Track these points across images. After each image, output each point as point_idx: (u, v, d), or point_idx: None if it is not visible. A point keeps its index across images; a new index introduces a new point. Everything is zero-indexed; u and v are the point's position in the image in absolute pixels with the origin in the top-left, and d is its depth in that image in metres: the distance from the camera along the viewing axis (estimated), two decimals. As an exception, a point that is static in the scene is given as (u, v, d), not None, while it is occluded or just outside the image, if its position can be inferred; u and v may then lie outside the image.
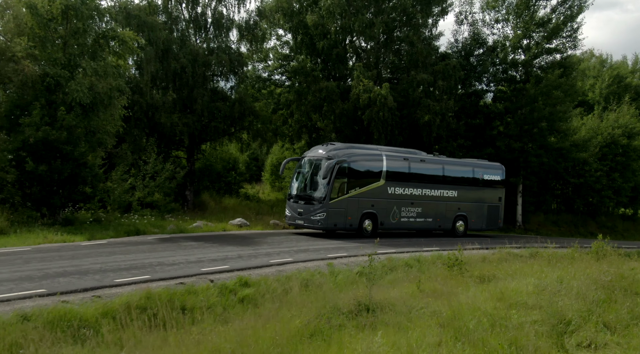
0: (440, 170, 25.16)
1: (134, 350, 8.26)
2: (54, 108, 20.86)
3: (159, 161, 25.13)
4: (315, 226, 21.72)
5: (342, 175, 21.74)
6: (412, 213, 23.95)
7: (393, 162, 23.42)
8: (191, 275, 12.74)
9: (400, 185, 23.53)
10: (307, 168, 22.75)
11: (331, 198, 21.39)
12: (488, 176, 26.93)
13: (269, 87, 36.75)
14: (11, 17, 21.55)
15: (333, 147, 22.76)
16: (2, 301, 9.30)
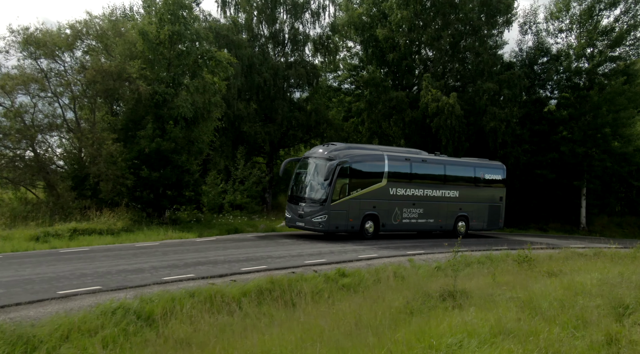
0: (442, 170, 24.76)
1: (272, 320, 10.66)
2: (162, 121, 23.84)
3: (247, 167, 27.87)
4: (316, 229, 21.12)
5: (344, 176, 21.20)
6: (414, 214, 23.53)
7: (395, 162, 22.97)
8: (298, 266, 15.11)
9: (402, 185, 23.05)
10: (307, 169, 22.10)
11: (333, 199, 20.89)
12: (489, 175, 26.53)
13: (339, 95, 39.16)
14: (125, 42, 24.60)
15: (334, 147, 22.25)
16: (167, 282, 11.91)
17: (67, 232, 18.06)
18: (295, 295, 12.79)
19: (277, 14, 33.06)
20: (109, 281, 11.54)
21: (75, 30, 24.14)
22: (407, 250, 19.51)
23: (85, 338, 8.56)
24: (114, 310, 9.52)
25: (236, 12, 33.22)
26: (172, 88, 24.19)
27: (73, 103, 24.56)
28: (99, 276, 11.92)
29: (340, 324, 9.52)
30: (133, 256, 14.92)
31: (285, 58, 33.68)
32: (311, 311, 10.98)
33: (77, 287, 10.73)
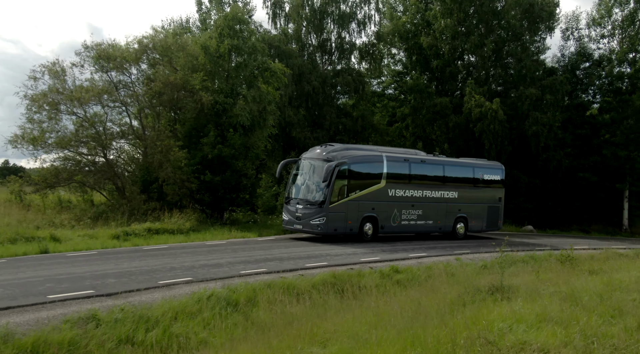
0: (441, 171, 24.39)
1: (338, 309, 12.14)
2: (222, 129, 25.67)
3: (299, 171, 29.47)
4: (314, 231, 20.76)
5: (342, 177, 20.81)
6: (413, 216, 23.11)
7: (393, 163, 22.56)
8: (355, 263, 16.56)
9: (400, 186, 22.64)
10: (305, 170, 21.79)
11: (331, 201, 20.50)
12: (488, 176, 26.14)
13: (383, 101, 40.52)
14: (187, 55, 26.50)
15: (332, 148, 21.87)
16: (244, 275, 13.53)
17: (143, 231, 19.97)
18: (355, 288, 14.27)
19: (324, 24, 34.65)
20: (196, 273, 13.22)
21: (142, 45, 26.16)
22: (454, 250, 20.80)
23: (189, 319, 10.19)
24: (208, 297, 11.13)
25: (286, 23, 34.97)
26: (230, 98, 25.99)
27: (139, 113, 26.61)
28: (187, 270, 13.62)
29: (403, 311, 10.94)
30: (208, 253, 16.64)
31: (333, 66, 35.24)
32: (376, 300, 12.44)
33: (172, 278, 12.44)
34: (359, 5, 35.05)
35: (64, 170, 24.98)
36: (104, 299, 10.28)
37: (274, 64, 27.26)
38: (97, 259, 14.67)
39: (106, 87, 26.01)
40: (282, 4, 34.74)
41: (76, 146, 25.44)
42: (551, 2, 33.47)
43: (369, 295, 13.99)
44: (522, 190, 34.43)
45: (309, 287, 13.42)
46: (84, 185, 25.85)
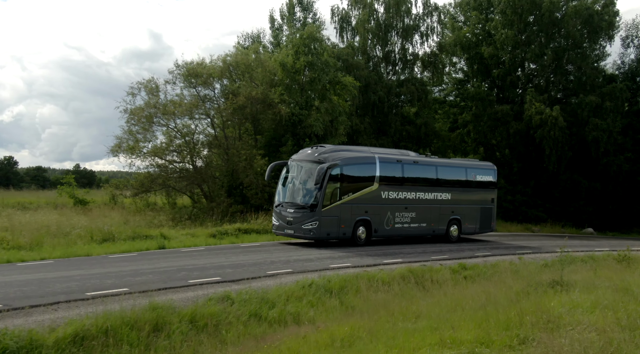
0: (434, 172, 23.91)
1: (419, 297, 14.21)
2: (298, 138, 28.12)
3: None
4: (307, 236, 20.02)
5: (335, 179, 20.09)
6: (407, 219, 22.51)
7: (386, 164, 21.97)
8: (426, 261, 18.56)
9: (394, 188, 22.02)
10: (295, 172, 21.04)
11: (324, 205, 19.75)
12: (481, 176, 25.61)
13: (445, 107, 42.21)
14: (265, 71, 29.12)
15: (323, 149, 21.22)
16: (334, 268, 15.77)
17: (235, 231, 22.55)
18: (429, 281, 16.31)
19: (389, 36, 36.71)
20: (293, 266, 15.58)
21: (226, 63, 28.95)
22: (515, 250, 22.49)
23: (298, 301, 12.48)
24: (309, 285, 13.41)
25: (352, 36, 37.21)
26: (305, 110, 28.43)
27: (222, 124, 29.40)
28: (284, 263, 16.00)
29: (475, 298, 12.94)
30: (296, 250, 19.01)
31: (397, 76, 37.26)
32: (451, 290, 14.48)
33: (276, 270, 14.82)
34: (422, 18, 36.96)
35: (158, 176, 28.01)
36: (230, 285, 12.72)
37: (345, 78, 29.56)
38: (209, 254, 17.25)
39: (194, 101, 28.95)
40: (349, 18, 37.03)
41: (168, 154, 28.49)
42: (611, 11, 34.45)
43: (442, 286, 16.01)
44: (582, 194, 35.46)
45: (389, 279, 15.55)
46: (175, 189, 28.83)
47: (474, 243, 24.78)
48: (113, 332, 8.96)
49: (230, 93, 28.47)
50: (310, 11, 36.16)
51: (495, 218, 26.71)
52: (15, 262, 14.40)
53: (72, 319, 8.91)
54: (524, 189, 36.57)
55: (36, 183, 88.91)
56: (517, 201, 36.02)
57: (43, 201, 31.69)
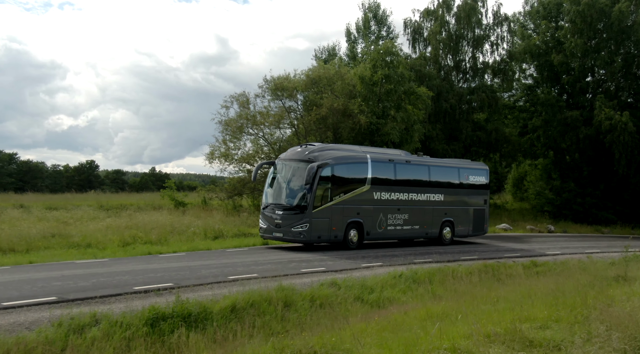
0: (426, 172, 23.42)
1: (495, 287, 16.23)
2: (375, 145, 30.42)
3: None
4: (297, 239, 19.29)
5: (325, 180, 19.38)
6: (399, 221, 21.93)
7: (378, 163, 21.38)
8: (500, 258, 20.51)
9: (386, 189, 21.42)
10: (284, 172, 20.25)
11: (314, 206, 19.04)
12: (473, 177, 25.11)
13: (514, 112, 43.51)
14: (345, 84, 31.62)
15: (313, 147, 20.53)
16: (417, 263, 18.02)
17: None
18: (503, 275, 18.31)
19: (460, 47, 38.50)
20: (383, 260, 17.96)
21: (310, 77, 31.66)
22: (582, 249, 24.03)
23: (391, 288, 14.83)
24: (400, 275, 15.73)
25: (424, 47, 39.23)
26: (382, 119, 30.74)
27: (305, 133, 32.12)
28: (374, 258, 18.40)
29: (545, 288, 14.93)
30: (382, 247, 21.38)
31: (468, 84, 39.02)
32: (524, 281, 16.49)
33: (369, 263, 17.25)
34: (492, 28, 38.58)
35: (249, 180, 31.01)
36: (334, 274, 15.22)
37: (419, 89, 31.71)
38: (306, 249, 19.90)
39: (280, 112, 31.85)
40: (421, 30, 39.08)
41: (257, 160, 31.46)
42: (683, 17, 35.03)
43: (515, 279, 17.99)
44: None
45: (467, 273, 17.68)
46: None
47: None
48: (256, 305, 11.58)
49: (314, 105, 31.10)
50: (384, 24, 38.45)
51: (488, 220, 26.29)
52: (155, 254, 17.44)
53: (226, 295, 11.59)
54: (593, 192, 37.48)
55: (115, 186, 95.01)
56: (587, 203, 36.99)
57: (142, 203, 35.37)
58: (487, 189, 26.00)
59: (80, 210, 28.79)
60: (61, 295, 10.57)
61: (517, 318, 10.32)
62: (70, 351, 8.42)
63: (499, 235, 29.71)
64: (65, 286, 11.44)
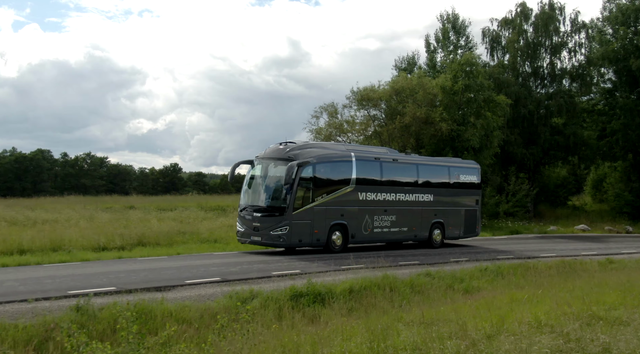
0: (414, 171, 22.45)
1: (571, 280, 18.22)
2: (456, 151, 32.58)
3: (518, 183, 35.35)
4: (276, 244, 18.46)
5: (306, 179, 18.45)
6: (386, 223, 20.98)
7: (364, 162, 20.43)
8: (576, 255, 22.25)
9: (372, 189, 20.47)
10: (262, 172, 19.33)
11: (295, 208, 18.12)
12: (464, 176, 24.13)
13: (593, 116, 44.26)
14: (426, 93, 33.89)
15: (293, 145, 19.43)
16: (500, 259, 20.17)
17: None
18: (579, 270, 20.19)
19: (537, 54, 39.88)
20: (468, 256, 20.28)
21: (394, 88, 34.16)
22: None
23: (477, 279, 17.12)
24: (485, 269, 17.99)
25: (502, 55, 40.85)
26: (462, 126, 32.82)
27: (389, 139, 34.62)
28: (461, 254, 20.75)
29: (616, 281, 16.84)
30: (464, 246, 23.62)
31: (546, 90, 40.34)
32: (597, 275, 18.41)
33: (457, 258, 19.62)
34: (569, 35, 39.78)
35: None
36: (426, 266, 17.71)
37: (498, 97, 33.56)
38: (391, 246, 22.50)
39: (365, 120, 34.54)
40: (499, 38, 40.70)
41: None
42: None
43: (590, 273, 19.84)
44: None
45: (546, 268, 19.70)
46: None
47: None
48: (368, 289, 14.27)
49: (397, 114, 33.52)
50: (463, 35, 40.38)
51: (481, 222, 25.45)
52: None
53: (344, 280, 14.35)
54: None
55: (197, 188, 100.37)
56: (668, 205, 37.57)
57: (236, 204, 38.93)
58: (479, 189, 25.08)
59: (188, 211, 32.54)
60: (223, 277, 13.67)
61: (589, 301, 12.44)
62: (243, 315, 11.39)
63: (577, 235, 31.15)
64: (222, 271, 14.57)
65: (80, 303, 9.64)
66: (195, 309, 10.97)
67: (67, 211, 29.05)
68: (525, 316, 9.99)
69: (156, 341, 7.48)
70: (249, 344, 7.77)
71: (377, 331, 8.49)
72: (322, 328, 9.86)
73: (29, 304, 9.82)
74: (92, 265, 15.41)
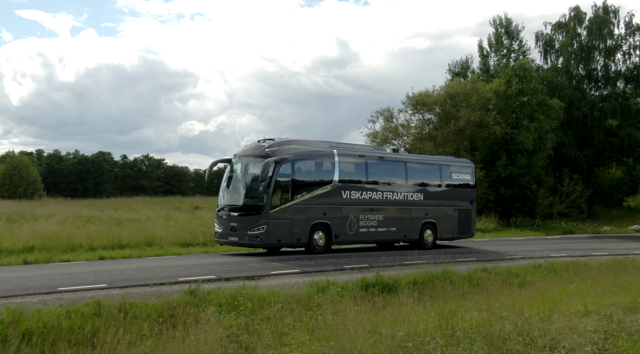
0: (403, 169, 21.83)
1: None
2: (510, 154, 33.63)
3: (572, 184, 36.04)
4: (253, 244, 17.86)
5: (285, 176, 18.02)
6: (373, 222, 20.30)
7: (347, 159, 19.97)
8: (628, 254, 23.08)
9: (357, 187, 19.95)
10: (239, 171, 18.86)
11: (272, 206, 17.55)
12: (457, 175, 23.43)
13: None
14: (480, 97, 35.00)
15: (271, 142, 18.89)
16: (553, 257, 21.30)
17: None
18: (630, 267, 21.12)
19: (591, 56, 40.34)
20: (522, 254, 21.50)
21: (448, 93, 35.42)
22: None
23: (532, 275, 18.36)
24: (539, 266, 19.20)
25: (556, 58, 41.47)
26: (516, 129, 33.81)
27: (443, 142, 35.87)
28: (517, 252, 22.00)
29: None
30: (519, 245, 24.79)
31: (600, 92, 40.76)
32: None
33: (513, 255, 20.90)
34: (624, 38, 40.09)
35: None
36: (484, 263, 19.09)
37: (552, 101, 34.39)
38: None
39: (420, 124, 35.93)
40: (553, 42, 41.35)
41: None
42: None
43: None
44: None
45: (598, 265, 20.72)
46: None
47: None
48: (430, 281, 15.80)
49: (451, 118, 34.75)
50: (516, 39, 41.18)
51: (475, 222, 24.82)
52: (336, 245, 22.25)
53: (408, 274, 15.94)
54: None
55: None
56: None
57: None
58: (473, 188, 24.23)
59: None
60: (302, 268, 15.50)
61: (634, 293, 13.59)
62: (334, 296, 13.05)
63: (631, 235, 31.71)
64: (300, 263, 16.41)
65: (192, 287, 11.57)
66: (283, 294, 12.78)
67: (144, 211, 31.52)
68: (575, 304, 11.29)
69: (266, 315, 9.30)
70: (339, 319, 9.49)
71: (445, 312, 10.06)
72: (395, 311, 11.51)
73: (151, 288, 11.83)
74: (186, 258, 17.51)
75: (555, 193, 36.72)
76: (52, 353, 8.76)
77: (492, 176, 33.20)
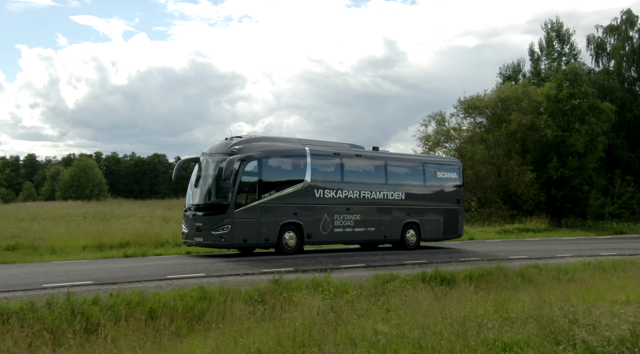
0: (381, 167, 21.16)
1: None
2: (561, 156, 34.46)
3: (623, 185, 36.53)
4: (218, 244, 17.29)
5: (252, 174, 17.60)
6: (349, 222, 19.72)
7: (320, 157, 19.40)
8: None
9: (331, 186, 19.36)
10: (206, 170, 18.41)
11: (237, 205, 17.07)
12: (442, 173, 22.70)
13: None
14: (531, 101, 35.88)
15: (238, 139, 18.41)
16: (602, 255, 22.31)
17: (514, 230, 29.97)
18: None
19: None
20: (573, 252, 22.58)
21: (500, 97, 36.47)
22: None
23: (579, 272, 19.51)
24: (588, 263, 20.28)
25: (607, 61, 41.90)
26: (567, 132, 34.61)
27: (494, 145, 36.90)
28: (567, 251, 23.10)
29: None
30: (569, 244, 25.82)
31: (652, 94, 40.99)
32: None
33: (563, 254, 22.01)
34: (676, 40, 40.23)
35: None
36: (535, 260, 20.35)
37: (603, 104, 35.04)
38: (504, 243, 25.07)
39: (472, 128, 37.08)
40: (604, 45, 41.79)
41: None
42: None
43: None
44: None
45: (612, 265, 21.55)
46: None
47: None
48: (485, 276, 17.20)
49: (503, 121, 35.77)
50: (567, 43, 41.78)
51: (463, 222, 24.04)
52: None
53: (464, 269, 17.41)
54: None
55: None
56: None
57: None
58: (460, 187, 23.45)
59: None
60: (368, 263, 17.20)
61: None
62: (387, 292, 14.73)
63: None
64: (366, 259, 18.12)
65: (276, 277, 13.43)
66: (352, 285, 14.51)
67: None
68: (618, 296, 12.59)
69: (347, 299, 11.06)
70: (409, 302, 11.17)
71: (500, 300, 11.59)
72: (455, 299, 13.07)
73: (241, 277, 13.77)
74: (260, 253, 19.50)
75: (607, 195, 37.25)
76: (176, 327, 10.71)
77: (544, 178, 34.09)
